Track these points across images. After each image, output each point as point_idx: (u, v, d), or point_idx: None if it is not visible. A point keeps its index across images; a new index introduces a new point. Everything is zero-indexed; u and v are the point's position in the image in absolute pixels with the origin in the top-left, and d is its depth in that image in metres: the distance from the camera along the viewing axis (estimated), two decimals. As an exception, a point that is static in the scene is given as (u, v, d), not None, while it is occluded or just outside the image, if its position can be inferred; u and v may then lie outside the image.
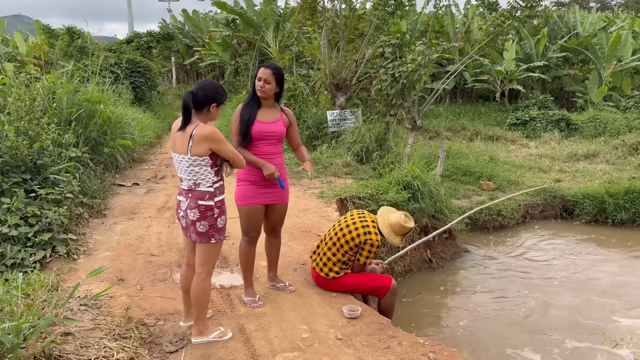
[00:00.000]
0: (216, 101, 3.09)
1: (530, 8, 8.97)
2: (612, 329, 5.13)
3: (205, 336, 3.27)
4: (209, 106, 3.07)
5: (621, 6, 43.20)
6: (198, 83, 3.14)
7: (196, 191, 3.10)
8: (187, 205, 3.11)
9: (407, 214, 4.14)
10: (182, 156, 3.08)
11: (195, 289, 3.18)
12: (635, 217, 8.78)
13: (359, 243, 3.95)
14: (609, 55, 18.68)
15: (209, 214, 3.09)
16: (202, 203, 3.08)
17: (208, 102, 3.06)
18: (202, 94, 3.04)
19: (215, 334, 3.30)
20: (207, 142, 3.00)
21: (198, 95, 3.03)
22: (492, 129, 16.64)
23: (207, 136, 2.99)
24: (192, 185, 3.11)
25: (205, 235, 3.11)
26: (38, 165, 5.24)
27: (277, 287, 4.15)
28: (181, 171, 3.14)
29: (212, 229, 3.12)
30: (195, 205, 3.08)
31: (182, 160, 3.08)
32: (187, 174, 3.10)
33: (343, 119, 10.50)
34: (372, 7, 10.75)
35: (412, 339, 3.44)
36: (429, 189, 7.05)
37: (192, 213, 3.09)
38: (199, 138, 2.98)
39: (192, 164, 3.05)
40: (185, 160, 3.06)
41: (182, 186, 3.19)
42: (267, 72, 3.67)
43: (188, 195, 3.12)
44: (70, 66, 10.15)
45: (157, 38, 21.04)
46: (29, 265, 4.10)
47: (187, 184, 3.13)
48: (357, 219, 4.07)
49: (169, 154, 10.98)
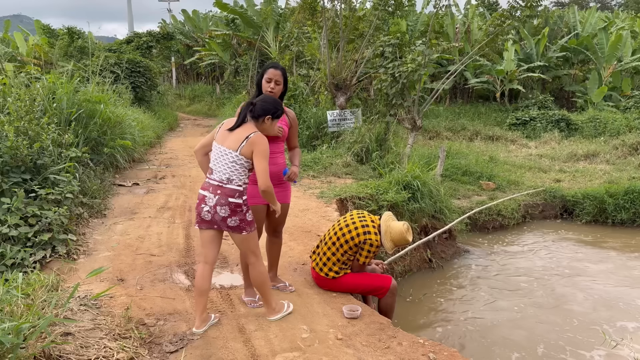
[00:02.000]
0: (271, 114, 3.34)
1: (530, 8, 8.97)
2: (612, 329, 5.13)
3: (280, 312, 3.58)
4: (264, 117, 3.32)
5: (621, 6, 43.20)
6: (260, 97, 3.43)
7: (227, 188, 3.23)
8: (216, 201, 3.22)
9: (409, 226, 4.12)
10: (229, 151, 3.24)
11: (254, 276, 3.44)
12: (635, 217, 8.78)
13: (358, 243, 3.95)
14: (609, 55, 18.69)
15: (239, 210, 3.26)
16: (233, 201, 3.24)
17: (265, 113, 3.32)
18: (261, 105, 3.32)
19: (285, 308, 3.64)
20: (253, 147, 3.21)
21: (257, 106, 3.31)
22: (492, 129, 16.65)
23: (257, 142, 3.21)
24: (224, 180, 3.24)
25: (237, 228, 3.30)
26: (38, 165, 5.24)
27: (277, 287, 4.15)
28: (220, 164, 3.27)
29: (243, 222, 3.30)
30: (226, 202, 3.23)
31: (228, 154, 3.24)
32: (225, 167, 3.25)
33: (343, 119, 10.51)
34: (372, 7, 10.75)
35: (412, 339, 3.44)
36: (429, 189, 7.05)
37: (222, 210, 3.23)
38: (252, 142, 3.21)
39: (236, 161, 3.24)
40: (232, 155, 3.23)
41: (210, 180, 3.29)
42: (277, 73, 3.71)
43: (217, 191, 3.23)
44: (70, 66, 10.15)
45: (157, 38, 21.04)
46: (29, 265, 4.10)
47: (219, 177, 3.25)
48: (356, 219, 4.08)
49: (169, 154, 10.98)
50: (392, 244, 4.04)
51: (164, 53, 25.20)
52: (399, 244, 4.08)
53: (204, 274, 3.37)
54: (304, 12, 12.23)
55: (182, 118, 20.09)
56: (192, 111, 23.21)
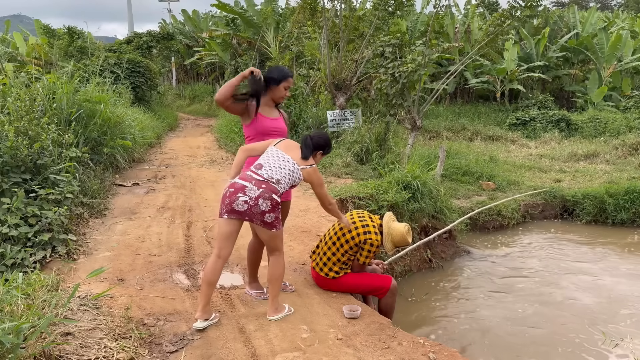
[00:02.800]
0: (322, 149, 3.73)
1: (530, 8, 8.97)
2: (612, 329, 5.13)
3: (281, 313, 3.62)
4: (317, 152, 3.70)
5: (621, 6, 43.20)
6: (315, 132, 3.84)
7: (272, 186, 3.39)
8: (259, 194, 3.33)
9: (410, 228, 4.14)
10: (293, 161, 3.53)
11: (275, 268, 3.55)
12: (635, 217, 8.78)
13: (358, 242, 3.95)
14: (609, 55, 18.69)
15: (277, 207, 3.42)
16: (275, 197, 3.38)
17: (318, 148, 3.71)
18: (317, 141, 3.69)
19: (286, 310, 3.67)
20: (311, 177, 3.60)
21: (314, 140, 3.68)
22: (492, 129, 16.65)
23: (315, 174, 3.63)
24: (273, 179, 3.41)
25: (270, 225, 3.41)
26: (38, 165, 5.24)
27: None
28: (276, 164, 3.47)
29: (277, 220, 3.45)
30: (270, 197, 3.35)
31: (290, 164, 3.51)
32: (281, 170, 3.47)
33: (343, 119, 10.50)
34: (372, 7, 10.75)
35: (412, 339, 3.44)
36: (429, 189, 7.05)
37: (264, 203, 3.34)
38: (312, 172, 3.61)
39: (294, 172, 3.52)
40: (294, 166, 3.52)
41: (255, 174, 3.41)
42: (292, 80, 3.92)
43: (261, 185, 3.36)
44: (70, 66, 10.15)
45: (157, 38, 21.03)
46: (29, 265, 4.10)
47: (269, 175, 3.41)
48: (357, 218, 4.08)
49: (169, 154, 10.98)
50: (393, 245, 4.05)
51: (164, 53, 25.19)
52: (399, 245, 4.09)
53: (216, 268, 3.40)
54: (304, 12, 12.24)
55: (182, 118, 20.09)
56: (192, 111, 23.20)
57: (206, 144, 12.77)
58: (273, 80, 3.80)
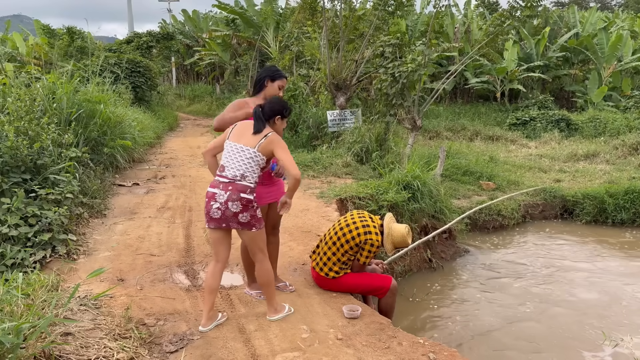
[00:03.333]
0: (280, 114, 3.50)
1: (530, 8, 8.97)
2: (612, 329, 5.13)
3: (280, 313, 3.61)
4: (274, 118, 3.47)
5: (621, 6, 43.20)
6: (267, 100, 3.58)
7: (239, 184, 3.30)
8: (227, 197, 3.27)
9: (410, 229, 4.14)
10: (246, 147, 3.34)
11: (261, 274, 3.49)
12: (635, 217, 8.77)
13: (359, 243, 3.96)
14: (609, 55, 18.69)
15: (250, 206, 3.32)
16: (244, 196, 3.29)
17: (274, 114, 3.47)
18: (270, 107, 3.46)
19: (286, 310, 3.66)
20: (272, 145, 3.33)
21: (266, 108, 3.45)
22: (492, 129, 16.64)
23: (275, 140, 3.35)
24: (237, 176, 3.30)
25: (247, 225, 3.34)
26: (38, 165, 5.24)
27: (278, 286, 4.16)
28: (235, 161, 3.34)
29: (254, 219, 3.35)
30: (238, 197, 3.27)
31: (245, 151, 3.33)
32: (239, 163, 3.33)
33: (343, 119, 10.50)
34: (372, 7, 10.75)
35: (412, 339, 3.44)
36: (429, 189, 7.04)
37: (234, 205, 3.27)
38: (271, 141, 3.34)
39: (253, 157, 3.33)
40: (249, 152, 3.33)
41: (221, 178, 3.33)
42: (286, 82, 3.92)
43: (228, 188, 3.29)
44: (70, 66, 10.15)
45: (157, 38, 21.04)
46: (29, 265, 4.10)
47: (232, 174, 3.31)
48: (357, 218, 4.08)
49: (169, 154, 10.98)
50: (393, 246, 4.06)
51: (164, 53, 25.20)
52: (399, 246, 4.10)
53: (215, 272, 3.43)
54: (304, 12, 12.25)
55: (182, 118, 20.09)
56: (192, 111, 23.21)
57: (206, 144, 12.69)
58: (269, 77, 3.80)
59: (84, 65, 12.18)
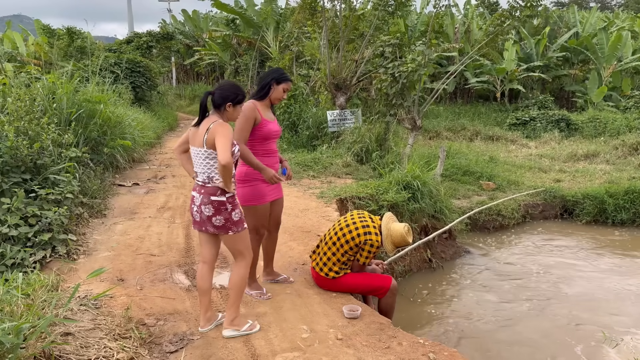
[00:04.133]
0: (231, 100, 3.17)
1: (530, 8, 8.97)
2: (613, 328, 5.13)
3: (237, 327, 3.36)
4: (224, 105, 3.17)
5: (621, 6, 43.20)
6: (218, 84, 3.29)
7: (209, 187, 3.19)
8: (200, 200, 3.20)
9: (410, 228, 4.13)
10: (198, 149, 3.18)
11: (234, 278, 3.33)
12: (635, 217, 8.77)
13: (359, 243, 3.95)
14: (609, 55, 18.68)
15: (223, 208, 3.18)
16: (215, 199, 3.16)
17: (224, 101, 3.17)
18: (219, 93, 3.17)
19: (246, 326, 3.39)
20: (214, 135, 3.06)
21: (215, 95, 3.18)
22: (492, 129, 16.64)
23: (216, 130, 3.06)
24: (206, 180, 3.20)
25: (222, 228, 3.22)
26: (38, 165, 5.24)
27: (277, 280, 4.25)
28: (197, 165, 3.23)
29: (229, 222, 3.21)
30: (209, 201, 3.17)
31: (199, 153, 3.18)
32: (202, 167, 3.20)
33: (343, 119, 10.50)
34: (372, 7, 10.75)
35: (412, 339, 3.44)
36: (429, 189, 7.04)
37: (206, 209, 3.19)
38: (212, 132, 3.08)
39: (207, 157, 3.15)
40: (202, 153, 3.16)
41: (197, 181, 3.28)
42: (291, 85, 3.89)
43: (201, 191, 3.21)
44: (70, 66, 10.15)
45: (157, 38, 21.04)
46: (29, 265, 4.10)
47: (202, 178, 3.22)
48: (357, 219, 4.08)
49: (169, 154, 10.98)
50: (393, 246, 4.05)
51: (164, 53, 25.21)
52: (399, 245, 4.09)
53: (203, 274, 3.39)
54: (304, 12, 12.23)
55: (182, 118, 20.09)
56: (192, 111, 23.20)
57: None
58: (274, 80, 3.78)
59: (83, 65, 12.18)
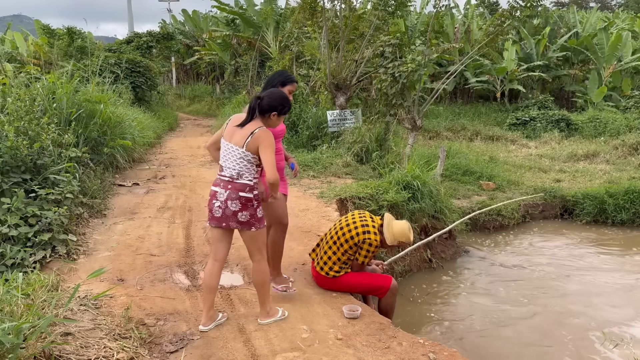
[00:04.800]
0: (277, 110, 3.33)
1: (530, 8, 8.97)
2: (613, 329, 5.12)
3: (273, 317, 3.53)
4: (270, 113, 3.32)
5: (621, 6, 43.20)
6: (267, 91, 3.42)
7: (237, 183, 3.27)
8: (227, 196, 3.26)
9: (410, 227, 4.12)
10: (236, 147, 3.27)
11: (256, 274, 3.44)
12: (635, 217, 8.77)
13: (358, 242, 3.96)
14: (609, 55, 18.68)
15: (250, 204, 3.28)
16: (243, 195, 3.26)
17: (271, 109, 3.31)
18: (268, 101, 3.30)
19: (279, 314, 3.58)
20: (258, 142, 3.21)
21: (264, 102, 3.30)
22: (492, 129, 16.63)
23: (261, 137, 3.22)
24: (234, 176, 3.28)
25: (247, 224, 3.31)
26: (38, 165, 5.24)
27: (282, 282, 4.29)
28: (229, 160, 3.31)
29: (253, 218, 3.31)
30: (237, 196, 3.25)
31: (235, 151, 3.27)
32: (234, 163, 3.28)
33: (343, 119, 10.50)
34: (372, 7, 10.74)
35: (412, 339, 3.44)
36: (429, 189, 7.04)
37: (233, 204, 3.26)
38: (257, 137, 3.22)
39: (243, 157, 3.26)
40: (239, 151, 3.26)
41: (221, 177, 3.32)
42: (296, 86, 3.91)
43: (227, 186, 3.27)
44: (70, 66, 10.14)
45: (157, 38, 21.03)
46: (29, 265, 4.10)
47: (229, 173, 3.29)
48: (357, 218, 4.08)
49: (169, 154, 10.98)
50: (393, 237, 3.99)
51: (164, 53, 25.20)
52: (398, 237, 4.01)
53: (213, 271, 3.41)
54: (304, 12, 12.21)
55: (182, 118, 20.10)
56: (192, 111, 23.21)
57: (206, 144, 12.74)
58: (280, 82, 3.79)
59: (83, 65, 12.18)
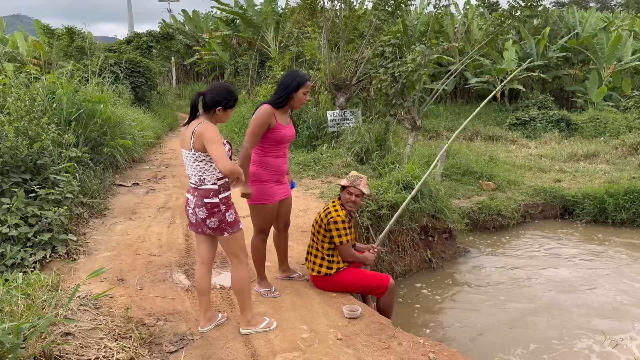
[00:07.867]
0: (222, 105, 3.13)
1: (530, 8, 8.97)
2: (613, 329, 5.13)
3: (254, 326, 3.38)
4: (215, 109, 3.13)
5: (621, 6, 43.20)
6: (211, 85, 3.23)
7: (201, 189, 3.16)
8: (194, 203, 3.19)
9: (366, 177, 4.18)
10: (187, 152, 3.15)
11: (233, 280, 3.31)
12: (635, 217, 8.77)
13: (325, 226, 3.99)
14: (609, 55, 18.68)
15: (216, 210, 3.16)
16: (208, 201, 3.15)
17: (215, 104, 3.13)
18: (210, 97, 3.12)
19: (264, 324, 3.42)
20: (202, 139, 3.03)
21: (206, 97, 3.12)
22: (492, 129, 16.63)
23: (202, 132, 3.03)
24: (197, 182, 3.17)
25: (217, 229, 3.20)
26: (38, 165, 5.24)
27: (293, 277, 4.32)
28: (188, 167, 3.21)
29: (223, 223, 3.19)
30: (202, 203, 3.15)
31: (188, 155, 3.16)
32: (193, 169, 3.17)
33: (343, 119, 10.50)
34: (372, 7, 10.74)
35: (412, 339, 3.44)
36: (429, 189, 7.04)
37: (200, 211, 3.17)
38: (198, 135, 3.05)
39: (197, 160, 3.12)
40: (190, 155, 3.14)
41: (190, 183, 3.26)
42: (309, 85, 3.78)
43: (195, 193, 3.19)
44: (70, 66, 10.14)
45: (157, 38, 21.03)
46: (29, 265, 4.10)
47: (194, 180, 3.20)
48: (322, 209, 4.14)
49: (169, 154, 10.98)
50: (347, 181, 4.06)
51: (164, 53, 25.19)
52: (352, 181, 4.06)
53: (202, 274, 3.39)
54: (303, 12, 12.21)
55: (182, 118, 20.06)
56: (192, 111, 23.18)
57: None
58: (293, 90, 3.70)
59: (83, 65, 12.18)
